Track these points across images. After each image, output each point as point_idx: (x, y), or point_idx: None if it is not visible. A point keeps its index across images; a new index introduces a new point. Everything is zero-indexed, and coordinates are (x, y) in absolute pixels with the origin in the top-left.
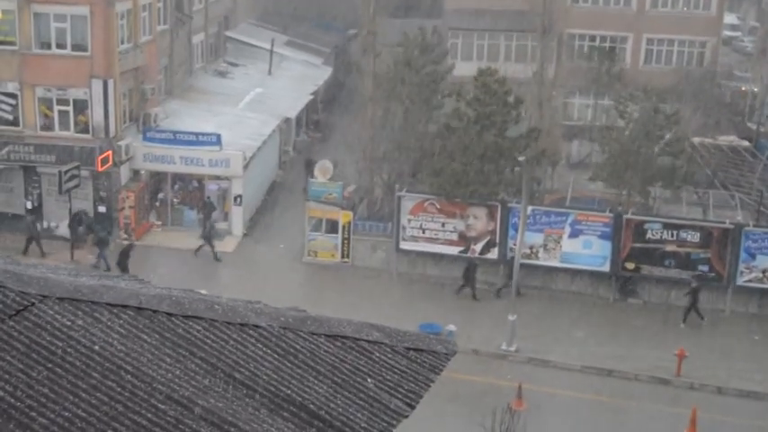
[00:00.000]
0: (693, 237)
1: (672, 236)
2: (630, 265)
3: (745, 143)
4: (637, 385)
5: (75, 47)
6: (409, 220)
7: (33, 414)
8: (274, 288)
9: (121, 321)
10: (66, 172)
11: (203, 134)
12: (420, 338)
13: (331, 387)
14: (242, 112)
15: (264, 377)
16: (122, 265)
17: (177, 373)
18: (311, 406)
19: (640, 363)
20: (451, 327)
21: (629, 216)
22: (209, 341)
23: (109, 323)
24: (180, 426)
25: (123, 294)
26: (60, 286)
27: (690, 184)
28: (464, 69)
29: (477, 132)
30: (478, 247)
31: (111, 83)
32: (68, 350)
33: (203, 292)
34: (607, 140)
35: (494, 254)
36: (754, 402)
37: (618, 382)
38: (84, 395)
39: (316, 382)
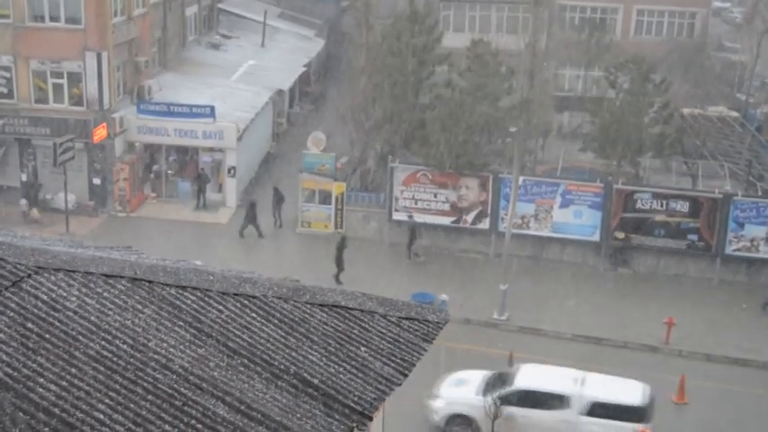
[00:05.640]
0: (683, 206)
1: (661, 206)
2: (620, 235)
3: (734, 114)
4: (626, 353)
5: (69, 19)
6: (402, 191)
7: (31, 384)
8: (268, 259)
9: (117, 292)
10: (60, 144)
11: (197, 106)
12: (413, 308)
13: (325, 356)
14: (235, 84)
15: (259, 346)
16: (339, 259)
17: (172, 342)
18: (305, 374)
19: (630, 331)
20: (444, 296)
21: (619, 186)
22: (204, 311)
23: (104, 294)
24: (175, 394)
25: (118, 265)
26: (56, 258)
27: (679, 153)
28: (456, 41)
29: (469, 103)
30: (470, 217)
31: (104, 55)
32: (64, 320)
33: (198, 262)
34: (598, 111)
35: (485, 224)
36: (742, 369)
37: (608, 350)
38: (80, 365)
39: (310, 350)
